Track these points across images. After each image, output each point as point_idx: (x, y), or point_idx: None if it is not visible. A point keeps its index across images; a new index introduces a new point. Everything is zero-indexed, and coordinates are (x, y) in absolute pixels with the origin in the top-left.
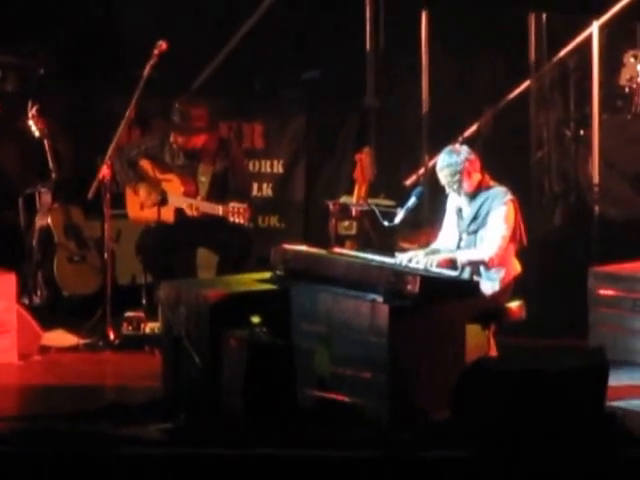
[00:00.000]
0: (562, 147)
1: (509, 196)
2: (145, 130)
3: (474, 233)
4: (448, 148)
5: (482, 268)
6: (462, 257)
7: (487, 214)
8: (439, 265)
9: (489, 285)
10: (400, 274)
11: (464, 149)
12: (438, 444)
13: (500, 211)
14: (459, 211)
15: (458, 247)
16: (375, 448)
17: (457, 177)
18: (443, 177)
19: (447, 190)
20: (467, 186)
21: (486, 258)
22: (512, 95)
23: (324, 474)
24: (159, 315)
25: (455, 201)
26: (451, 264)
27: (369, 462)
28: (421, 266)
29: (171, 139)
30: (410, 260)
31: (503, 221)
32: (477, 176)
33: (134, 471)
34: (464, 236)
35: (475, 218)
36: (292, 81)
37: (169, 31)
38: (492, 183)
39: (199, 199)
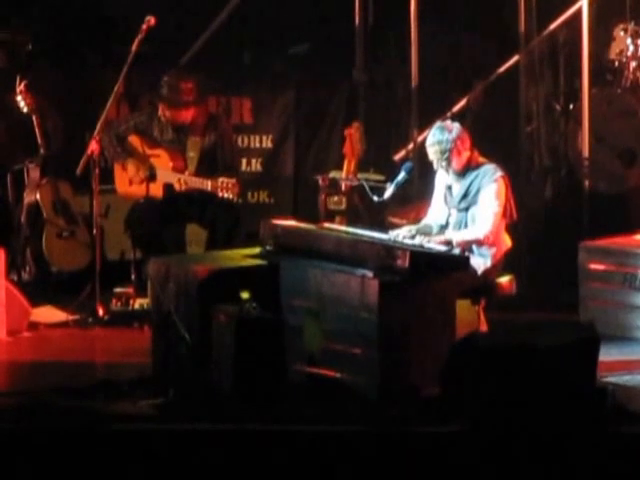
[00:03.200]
0: (552, 121)
1: (499, 173)
2: (134, 105)
3: (465, 210)
4: (439, 124)
5: (474, 245)
6: (457, 237)
7: (477, 192)
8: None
9: (481, 261)
10: (390, 249)
11: (455, 126)
12: (428, 420)
13: (491, 188)
14: (448, 188)
15: (447, 222)
16: (365, 424)
17: (446, 155)
18: (432, 153)
19: (435, 166)
20: (456, 164)
21: (481, 236)
22: (502, 69)
23: (314, 450)
24: (148, 291)
25: (444, 177)
26: (446, 245)
27: (359, 437)
28: (415, 242)
29: (159, 112)
30: (403, 237)
31: (494, 198)
32: (466, 154)
33: (124, 446)
34: (453, 212)
35: (465, 195)
36: (281, 55)
37: (158, 6)
38: (481, 160)
39: (188, 174)
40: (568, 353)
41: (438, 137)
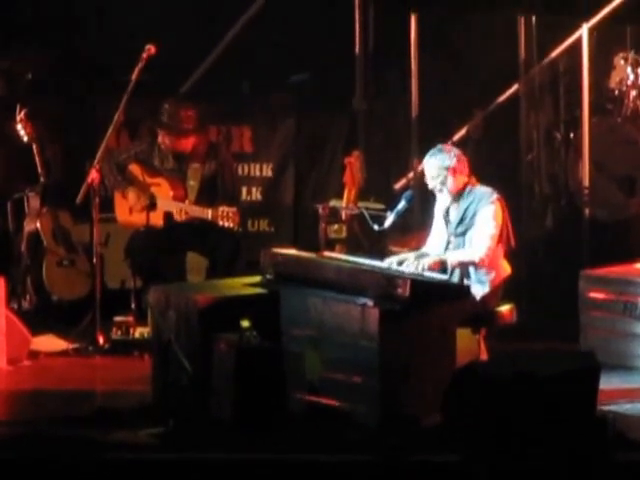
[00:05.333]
0: (552, 150)
1: (495, 195)
2: (134, 134)
3: (462, 235)
4: (440, 146)
5: (472, 270)
6: (452, 258)
7: (474, 215)
8: (430, 268)
9: (479, 287)
10: (390, 278)
11: (455, 150)
12: (428, 448)
13: (487, 211)
14: (446, 214)
15: (446, 250)
16: (365, 452)
17: (443, 173)
18: (428, 170)
19: (430, 185)
20: (451, 185)
21: (476, 259)
22: (502, 98)
23: (314, 478)
24: (148, 319)
25: (442, 204)
26: (441, 266)
27: (359, 467)
28: (412, 269)
29: (159, 140)
30: (400, 263)
31: (491, 220)
32: (463, 178)
33: (123, 476)
34: (452, 239)
35: (462, 220)
36: (281, 84)
37: (158, 35)
38: (478, 185)
39: (188, 203)
40: (568, 382)
41: (436, 155)
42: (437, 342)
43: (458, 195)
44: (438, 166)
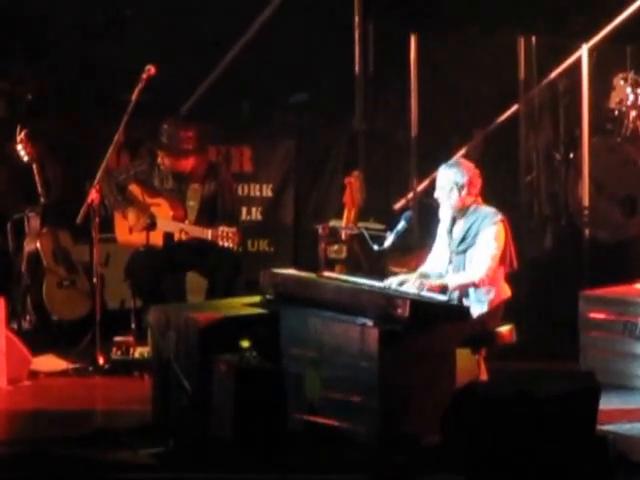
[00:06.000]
0: (552, 170)
1: (499, 216)
2: (134, 154)
3: (463, 253)
4: (459, 159)
5: (471, 290)
6: (452, 282)
7: (476, 234)
8: (430, 290)
9: (478, 307)
10: (390, 298)
11: (471, 168)
12: (428, 468)
13: (490, 231)
14: (449, 230)
15: (448, 267)
16: (365, 472)
17: (451, 187)
18: (439, 178)
19: (436, 193)
20: (455, 201)
21: (476, 279)
22: (502, 118)
23: None
24: (148, 340)
25: (446, 220)
26: (441, 289)
27: None
28: (412, 290)
29: (159, 160)
30: (400, 284)
31: (493, 240)
32: (470, 198)
33: None
34: (453, 256)
35: (464, 238)
36: (281, 105)
37: (157, 55)
38: (483, 204)
39: (188, 223)
40: (568, 402)
41: (452, 168)
42: (437, 362)
43: (461, 212)
44: (448, 178)
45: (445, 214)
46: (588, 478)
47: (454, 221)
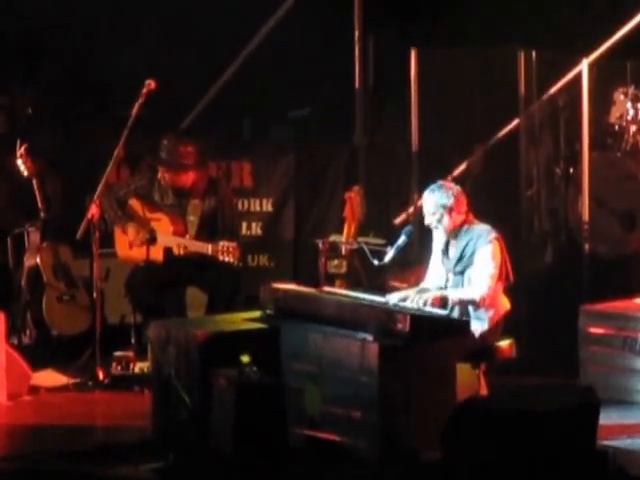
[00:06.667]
0: (552, 185)
1: (493, 234)
2: (134, 169)
3: (461, 273)
4: (440, 182)
5: (470, 308)
6: (453, 295)
7: (473, 254)
8: (431, 303)
9: (478, 325)
10: (390, 313)
11: (455, 188)
12: None
13: (486, 250)
14: (444, 251)
15: (444, 288)
16: None
17: (440, 211)
18: (426, 205)
19: (426, 221)
20: (447, 224)
21: (477, 298)
22: (502, 133)
23: None
24: (148, 355)
25: (440, 240)
26: (442, 302)
27: None
28: (414, 305)
29: (159, 175)
30: (402, 299)
31: (490, 260)
32: (460, 217)
33: None
34: (450, 276)
35: (461, 258)
36: (281, 120)
37: (158, 70)
38: (475, 221)
39: (188, 238)
40: (568, 417)
41: (436, 192)
42: (437, 377)
43: (454, 233)
44: (435, 203)
45: (438, 237)
46: None
47: (448, 242)
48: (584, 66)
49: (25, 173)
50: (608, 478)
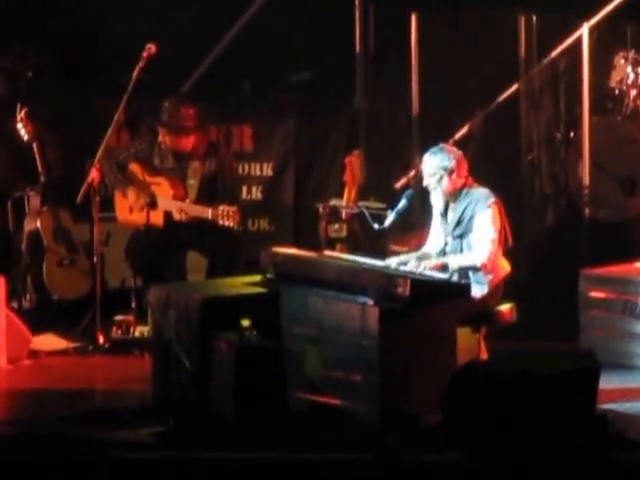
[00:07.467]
0: (552, 149)
1: (492, 199)
2: (134, 133)
3: (459, 237)
4: (441, 145)
5: (470, 272)
6: (453, 262)
7: (471, 218)
8: (431, 269)
9: (478, 288)
10: (390, 277)
11: (456, 151)
12: (429, 447)
13: (485, 215)
14: (442, 215)
15: (444, 251)
16: (365, 451)
17: (440, 173)
18: (426, 167)
19: (425, 183)
20: (446, 186)
21: (478, 264)
22: (502, 97)
23: (315, 477)
24: (149, 319)
25: (438, 203)
26: (442, 269)
27: (360, 465)
28: (413, 270)
29: (160, 138)
30: (402, 263)
31: (490, 224)
32: (459, 180)
33: (124, 475)
34: (449, 239)
35: (459, 222)
36: (281, 84)
37: (158, 34)
38: (474, 185)
39: (188, 202)
40: (568, 381)
41: (438, 154)
42: (437, 341)
43: (454, 196)
44: (436, 165)
45: (437, 200)
46: (588, 456)
47: (447, 205)
48: (584, 30)
49: (25, 137)
50: (608, 442)
